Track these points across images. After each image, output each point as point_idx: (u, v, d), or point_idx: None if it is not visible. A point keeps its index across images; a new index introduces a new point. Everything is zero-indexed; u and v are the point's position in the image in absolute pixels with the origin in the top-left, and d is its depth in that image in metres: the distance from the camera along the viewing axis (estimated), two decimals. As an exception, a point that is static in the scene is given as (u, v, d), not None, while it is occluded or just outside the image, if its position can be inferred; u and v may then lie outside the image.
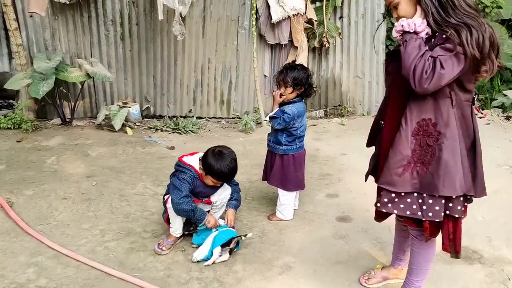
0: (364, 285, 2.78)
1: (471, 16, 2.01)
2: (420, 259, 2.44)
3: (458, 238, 2.27)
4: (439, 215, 2.17)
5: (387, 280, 2.79)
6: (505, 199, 3.97)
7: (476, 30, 1.97)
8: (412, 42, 2.04)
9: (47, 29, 5.74)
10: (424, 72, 1.97)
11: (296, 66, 3.36)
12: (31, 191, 3.86)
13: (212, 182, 3.06)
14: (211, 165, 2.97)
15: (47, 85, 5.17)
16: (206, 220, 3.01)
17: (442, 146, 2.11)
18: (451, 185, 2.10)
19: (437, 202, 2.16)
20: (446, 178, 2.10)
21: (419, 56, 2.00)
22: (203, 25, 6.11)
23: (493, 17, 7.57)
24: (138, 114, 6.09)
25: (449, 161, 2.10)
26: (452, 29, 1.99)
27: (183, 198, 2.93)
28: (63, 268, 2.87)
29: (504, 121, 6.42)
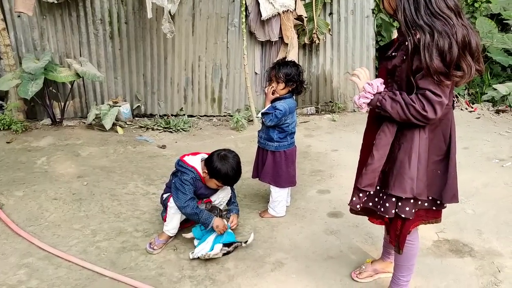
0: (356, 279, 2.80)
1: (443, 19, 1.95)
2: (402, 256, 2.44)
3: (402, 236, 2.32)
4: (390, 212, 2.23)
5: (378, 273, 2.82)
6: (494, 192, 4.00)
7: (443, 37, 1.91)
8: (384, 102, 2.07)
9: (35, 29, 5.69)
10: (422, 111, 1.98)
11: (288, 62, 3.37)
12: (22, 192, 3.84)
13: (216, 186, 3.09)
14: (217, 169, 2.99)
15: (36, 85, 5.13)
16: (213, 223, 3.00)
17: (401, 146, 2.14)
18: (400, 185, 2.14)
19: (388, 200, 2.23)
20: (398, 178, 2.15)
21: (404, 107, 2.01)
22: (193, 23, 6.09)
23: (482, 11, 7.62)
24: (129, 113, 6.07)
25: (404, 162, 2.13)
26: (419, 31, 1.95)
27: (188, 202, 2.96)
28: (55, 268, 2.86)
29: (494, 115, 6.47)
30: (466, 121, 6.24)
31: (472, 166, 4.56)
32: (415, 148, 2.12)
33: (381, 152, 2.15)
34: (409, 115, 2.01)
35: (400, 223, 2.29)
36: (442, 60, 1.93)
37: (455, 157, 2.24)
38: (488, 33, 7.19)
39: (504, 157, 4.81)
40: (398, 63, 2.06)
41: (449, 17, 1.95)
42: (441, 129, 2.18)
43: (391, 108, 2.04)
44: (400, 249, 2.35)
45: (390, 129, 2.14)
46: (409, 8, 1.99)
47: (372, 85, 2.10)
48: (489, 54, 7.21)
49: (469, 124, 6.10)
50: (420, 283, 2.76)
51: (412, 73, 2.01)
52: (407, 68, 2.03)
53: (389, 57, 2.10)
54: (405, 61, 2.03)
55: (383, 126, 2.17)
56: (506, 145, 5.18)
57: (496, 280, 2.79)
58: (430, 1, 1.96)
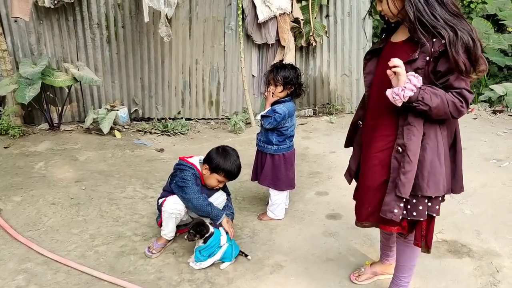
0: (355, 282, 2.79)
1: (458, 17, 1.95)
2: (405, 256, 2.46)
3: (430, 234, 2.30)
4: (423, 215, 2.17)
5: (377, 275, 2.81)
6: (492, 192, 4.01)
7: (463, 33, 1.91)
8: (426, 96, 1.97)
9: (32, 33, 5.69)
10: (461, 108, 2.00)
11: (286, 65, 3.37)
12: (20, 197, 3.83)
13: (217, 182, 3.08)
14: (219, 162, 3.01)
15: (33, 90, 5.13)
16: (223, 219, 3.00)
17: (427, 147, 2.09)
18: (435, 185, 2.11)
19: (420, 202, 2.16)
20: (431, 178, 2.10)
21: (445, 103, 1.98)
22: (190, 27, 6.10)
23: (478, 12, 7.66)
24: (127, 117, 6.07)
25: (434, 161, 2.10)
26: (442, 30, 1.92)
27: (198, 193, 2.97)
28: (53, 273, 2.85)
29: (491, 115, 6.49)
30: (463, 121, 6.23)
31: (469, 167, 4.56)
32: (440, 146, 2.11)
33: (416, 156, 2.08)
34: (447, 111, 2.00)
35: (425, 222, 2.26)
36: (468, 56, 1.93)
37: (461, 149, 2.25)
38: (484, 34, 7.22)
39: (501, 157, 4.83)
40: (421, 66, 2.01)
41: (462, 15, 1.97)
42: (453, 123, 2.19)
43: (432, 103, 1.97)
44: (429, 248, 2.32)
45: (418, 129, 2.07)
46: (423, 8, 1.94)
47: (418, 78, 1.99)
48: (486, 55, 7.23)
49: (466, 124, 6.11)
50: (419, 284, 2.76)
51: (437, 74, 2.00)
52: (430, 70, 2.01)
53: (410, 61, 2.02)
54: (429, 63, 2.00)
55: (409, 128, 2.07)
56: (503, 145, 5.19)
57: (495, 280, 2.79)
58: (442, 1, 1.95)
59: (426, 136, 2.08)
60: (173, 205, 3.01)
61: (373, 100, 2.29)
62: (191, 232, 2.85)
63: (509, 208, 3.72)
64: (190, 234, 2.85)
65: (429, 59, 1.99)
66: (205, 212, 2.99)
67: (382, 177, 2.20)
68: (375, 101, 2.27)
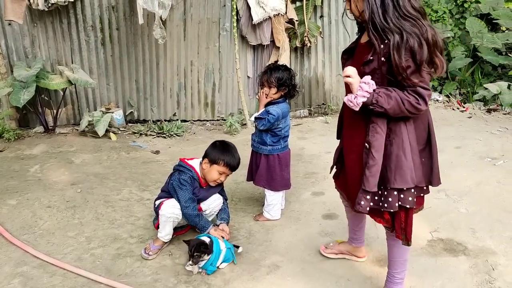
0: (321, 252, 3.05)
1: (412, 20, 2.02)
2: (395, 251, 2.51)
3: (409, 227, 2.37)
4: (394, 206, 2.26)
5: (342, 254, 3.00)
6: (487, 191, 4.02)
7: (410, 36, 1.99)
8: (380, 99, 2.08)
9: (26, 36, 5.68)
10: (417, 105, 2.08)
11: (280, 66, 3.37)
12: (15, 201, 3.82)
13: (218, 174, 3.08)
14: (218, 153, 3.06)
15: (28, 93, 5.12)
16: (209, 231, 3.02)
17: (393, 142, 2.19)
18: (401, 177, 2.20)
19: (390, 194, 2.25)
20: (397, 171, 2.19)
21: (400, 103, 2.08)
22: (184, 28, 6.10)
23: (472, 11, 7.69)
24: (122, 119, 6.06)
25: (399, 156, 2.19)
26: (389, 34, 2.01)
27: (188, 201, 2.99)
28: (49, 277, 2.84)
29: (485, 114, 6.52)
30: (458, 120, 6.29)
31: (464, 165, 4.59)
32: (405, 140, 2.19)
33: (380, 152, 2.19)
34: (404, 110, 2.09)
35: (403, 214, 2.34)
36: (413, 58, 2.01)
37: (436, 143, 2.34)
38: (478, 33, 7.25)
39: (496, 155, 4.85)
40: (377, 66, 2.11)
41: (417, 18, 2.03)
42: (422, 119, 2.26)
43: (387, 104, 2.08)
44: (409, 241, 2.38)
45: (382, 127, 2.18)
46: (377, 11, 2.03)
47: (369, 84, 2.10)
48: (480, 54, 7.27)
49: (461, 123, 6.15)
50: (415, 283, 2.77)
51: (393, 73, 2.07)
52: (386, 70, 2.10)
53: (366, 62, 2.13)
54: (384, 63, 2.08)
55: (373, 126, 2.19)
56: (497, 144, 5.21)
57: (490, 278, 2.81)
58: (398, 3, 2.02)
59: (392, 132, 2.19)
60: (170, 209, 3.00)
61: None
62: (196, 255, 2.77)
63: (504, 206, 3.74)
64: (195, 257, 2.77)
65: (384, 60, 2.08)
66: (192, 222, 3.05)
67: (359, 172, 2.30)
68: None
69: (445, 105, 6.86)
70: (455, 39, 7.62)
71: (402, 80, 2.06)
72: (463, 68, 7.37)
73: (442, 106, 6.84)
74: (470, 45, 7.41)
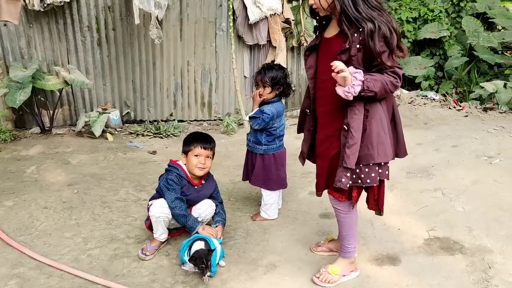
0: (312, 251, 3.12)
1: (378, 11, 2.24)
2: (346, 226, 2.73)
3: (381, 198, 2.62)
4: (376, 181, 2.45)
5: (333, 251, 3.07)
6: (484, 189, 4.03)
7: (381, 24, 2.20)
8: (370, 84, 2.25)
9: (22, 37, 5.66)
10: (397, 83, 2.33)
11: (274, 66, 3.38)
12: (11, 202, 3.81)
13: (196, 158, 3.03)
14: (188, 142, 3.08)
15: (24, 94, 5.11)
16: (197, 230, 3.00)
17: (372, 121, 2.38)
18: (384, 152, 2.40)
19: (372, 170, 2.44)
20: (380, 147, 2.39)
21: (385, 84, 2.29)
22: (181, 28, 6.10)
23: (468, 11, 7.71)
24: (118, 120, 6.05)
25: (379, 132, 2.39)
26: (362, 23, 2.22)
27: (175, 202, 2.97)
28: (46, 278, 2.83)
29: (482, 113, 6.53)
30: (454, 119, 6.30)
31: (461, 164, 4.60)
32: (383, 119, 2.41)
33: (358, 132, 2.36)
34: (388, 89, 2.31)
35: (376, 188, 2.56)
36: (386, 44, 2.23)
37: (400, 117, 2.57)
38: (474, 32, 7.27)
39: (492, 154, 4.86)
40: (353, 53, 2.28)
41: (381, 9, 2.27)
42: (390, 97, 2.49)
43: (376, 88, 2.27)
44: (381, 211, 2.64)
45: (359, 109, 2.35)
46: (348, 3, 2.23)
47: (360, 73, 2.25)
48: (476, 53, 7.29)
49: (458, 122, 6.16)
50: (412, 281, 2.78)
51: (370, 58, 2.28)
52: (362, 56, 2.29)
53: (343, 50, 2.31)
54: (360, 50, 2.27)
55: (351, 109, 2.35)
56: (494, 143, 5.23)
57: (487, 276, 2.81)
58: None
59: (370, 112, 2.37)
60: (159, 208, 2.99)
61: (319, 90, 2.58)
62: (201, 267, 2.72)
63: (500, 204, 3.75)
64: (201, 269, 2.73)
65: (360, 47, 2.27)
66: (180, 222, 3.03)
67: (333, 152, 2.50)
68: (321, 91, 2.56)
69: (442, 104, 6.88)
70: (451, 38, 7.64)
71: (379, 64, 2.26)
72: (459, 67, 7.39)
73: (439, 105, 6.85)
74: (466, 44, 7.43)
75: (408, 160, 4.69)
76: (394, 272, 2.89)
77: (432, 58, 7.73)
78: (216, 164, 3.58)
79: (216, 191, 3.32)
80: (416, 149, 5.05)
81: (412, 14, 7.63)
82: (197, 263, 2.75)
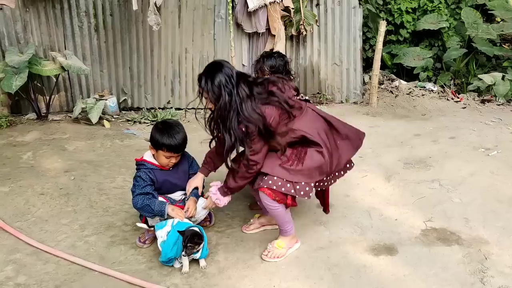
0: (245, 231, 3.23)
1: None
2: (281, 219, 2.90)
3: (326, 199, 3.27)
4: (308, 195, 2.78)
5: (264, 226, 3.26)
6: (481, 181, 4.04)
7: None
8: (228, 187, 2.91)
9: (18, 21, 5.60)
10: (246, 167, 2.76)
11: (273, 54, 3.36)
12: (7, 188, 3.79)
13: (166, 159, 2.94)
14: (158, 138, 2.89)
15: (20, 79, 5.05)
16: (167, 210, 2.89)
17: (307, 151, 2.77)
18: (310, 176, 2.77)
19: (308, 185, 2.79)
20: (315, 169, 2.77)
21: (241, 174, 2.81)
22: (179, 15, 6.04)
23: (468, 2, 7.67)
24: (116, 107, 6.01)
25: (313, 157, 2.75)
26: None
27: (135, 198, 2.89)
28: (43, 264, 2.83)
29: (479, 105, 6.53)
30: (452, 111, 6.30)
31: (458, 156, 4.60)
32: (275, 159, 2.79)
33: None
34: (246, 175, 2.81)
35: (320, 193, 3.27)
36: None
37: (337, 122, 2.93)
38: (473, 24, 7.24)
39: (490, 146, 4.86)
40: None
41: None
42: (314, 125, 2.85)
43: (236, 183, 2.85)
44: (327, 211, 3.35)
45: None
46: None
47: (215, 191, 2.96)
48: (474, 45, 7.27)
49: (455, 114, 6.16)
50: (408, 271, 2.79)
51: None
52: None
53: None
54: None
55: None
56: (491, 135, 5.23)
57: (483, 267, 2.83)
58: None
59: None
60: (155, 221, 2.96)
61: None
62: (189, 246, 2.68)
63: (497, 196, 3.76)
64: (189, 248, 2.69)
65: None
66: (146, 211, 2.91)
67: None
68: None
69: (440, 96, 6.87)
70: (450, 30, 7.61)
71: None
72: (457, 58, 7.36)
73: (437, 96, 6.84)
74: (465, 35, 7.40)
75: (405, 151, 4.71)
76: (391, 262, 2.90)
77: (431, 49, 7.70)
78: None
79: (193, 163, 3.22)
80: (413, 140, 5.04)
81: (412, 5, 7.59)
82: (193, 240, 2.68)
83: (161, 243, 2.79)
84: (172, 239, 2.75)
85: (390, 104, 6.54)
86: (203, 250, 2.79)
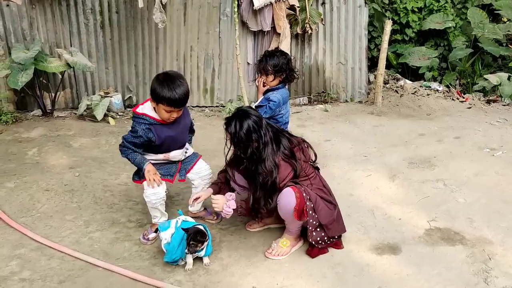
0: (248, 229, 3.24)
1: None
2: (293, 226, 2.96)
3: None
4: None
5: (267, 224, 3.26)
6: (485, 181, 4.03)
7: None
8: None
9: (24, 18, 5.62)
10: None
11: (275, 52, 3.35)
12: (13, 184, 3.81)
13: (167, 113, 2.80)
14: (158, 91, 2.72)
15: (26, 75, 5.07)
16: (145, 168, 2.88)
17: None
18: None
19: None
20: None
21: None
22: (185, 12, 6.04)
23: (474, 2, 7.64)
24: (120, 104, 6.03)
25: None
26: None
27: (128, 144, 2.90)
28: (47, 259, 2.85)
29: (485, 105, 6.50)
30: (457, 111, 6.27)
31: (463, 156, 4.59)
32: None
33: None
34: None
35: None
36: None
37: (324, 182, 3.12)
38: (479, 24, 7.20)
39: (495, 146, 4.85)
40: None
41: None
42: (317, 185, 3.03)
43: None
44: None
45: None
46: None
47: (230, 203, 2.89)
48: (480, 45, 7.23)
49: (461, 114, 6.13)
50: (412, 271, 2.79)
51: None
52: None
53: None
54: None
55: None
56: (496, 135, 5.21)
57: (487, 268, 2.82)
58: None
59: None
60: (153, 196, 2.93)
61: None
62: (192, 243, 2.67)
63: (502, 196, 3.75)
64: (192, 246, 2.68)
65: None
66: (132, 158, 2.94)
67: None
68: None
69: (445, 95, 6.84)
70: (456, 29, 7.58)
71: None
72: (463, 58, 7.33)
73: (442, 96, 6.81)
74: (471, 35, 7.37)
75: (410, 151, 4.70)
76: (394, 261, 2.90)
77: (436, 49, 7.67)
78: (217, 151, 3.57)
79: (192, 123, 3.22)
80: (418, 139, 5.03)
81: (418, 4, 7.56)
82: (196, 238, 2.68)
83: (165, 245, 2.80)
84: (176, 241, 2.76)
85: (395, 103, 6.52)
86: (207, 248, 2.80)
